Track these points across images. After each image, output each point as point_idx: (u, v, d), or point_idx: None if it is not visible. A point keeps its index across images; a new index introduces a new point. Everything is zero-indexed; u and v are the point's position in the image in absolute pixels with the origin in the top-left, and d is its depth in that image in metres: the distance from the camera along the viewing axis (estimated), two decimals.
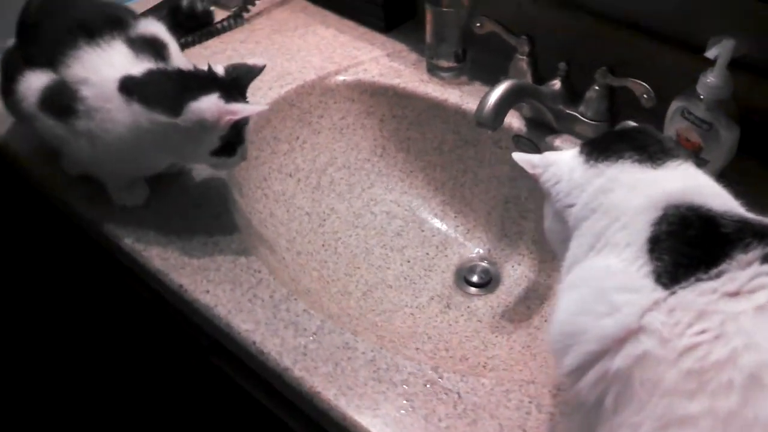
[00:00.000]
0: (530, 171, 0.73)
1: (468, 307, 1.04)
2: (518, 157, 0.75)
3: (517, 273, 1.07)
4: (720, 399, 0.50)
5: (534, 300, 1.03)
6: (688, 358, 0.52)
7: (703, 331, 0.52)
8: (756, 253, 0.55)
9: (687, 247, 0.57)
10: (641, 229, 0.60)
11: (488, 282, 1.07)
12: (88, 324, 1.30)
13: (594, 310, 0.57)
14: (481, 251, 1.11)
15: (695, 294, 0.54)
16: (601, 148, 0.69)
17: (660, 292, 0.55)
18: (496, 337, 0.99)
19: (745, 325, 0.51)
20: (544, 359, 0.92)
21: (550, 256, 1.05)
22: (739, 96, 0.87)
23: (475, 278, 1.08)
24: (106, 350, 1.31)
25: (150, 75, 0.85)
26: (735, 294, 0.53)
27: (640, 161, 0.66)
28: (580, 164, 0.69)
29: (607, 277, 0.59)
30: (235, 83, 0.86)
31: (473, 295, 1.06)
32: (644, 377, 0.53)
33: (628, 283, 0.57)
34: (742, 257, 0.55)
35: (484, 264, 1.09)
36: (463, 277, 1.08)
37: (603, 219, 0.64)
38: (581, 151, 0.70)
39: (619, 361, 0.54)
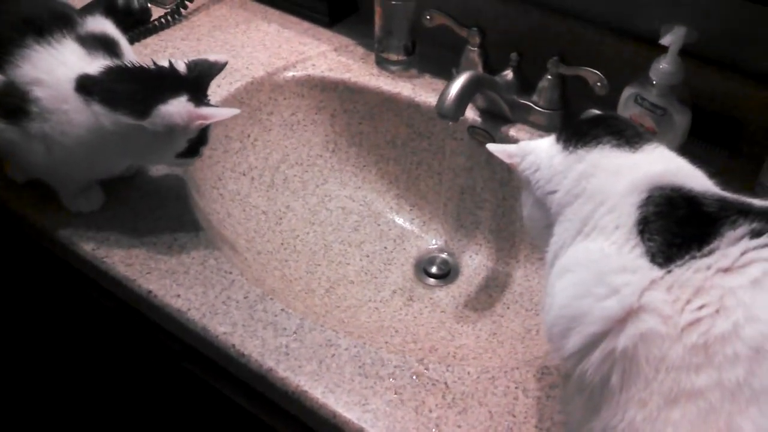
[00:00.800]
0: (507, 161, 0.74)
1: (430, 298, 1.05)
2: (494, 147, 0.75)
3: (475, 262, 1.08)
4: (726, 371, 0.52)
5: (494, 288, 1.04)
6: (691, 333, 0.53)
7: (703, 306, 0.54)
8: (744, 229, 0.57)
9: (677, 226, 0.59)
10: (629, 212, 0.61)
11: (448, 273, 1.08)
12: (48, 337, 1.25)
13: (593, 293, 0.58)
14: (439, 242, 1.12)
15: (691, 271, 0.56)
16: (578, 134, 0.70)
17: (656, 272, 0.57)
18: (462, 326, 0.99)
19: (743, 298, 0.53)
20: (512, 346, 0.94)
21: (507, 244, 1.07)
22: (687, 82, 0.91)
23: (434, 269, 1.08)
24: (68, 365, 1.26)
25: (109, 73, 0.82)
26: (729, 269, 0.55)
27: (619, 146, 0.68)
28: (559, 151, 0.70)
29: (601, 259, 0.60)
30: (198, 82, 0.84)
31: (434, 286, 1.07)
32: (650, 354, 0.54)
33: (624, 264, 0.58)
34: (731, 233, 0.57)
35: (443, 255, 1.10)
36: (422, 269, 1.09)
37: (588, 204, 0.65)
38: (558, 139, 0.72)
39: (623, 339, 0.55)
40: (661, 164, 0.66)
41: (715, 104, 0.95)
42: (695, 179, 0.65)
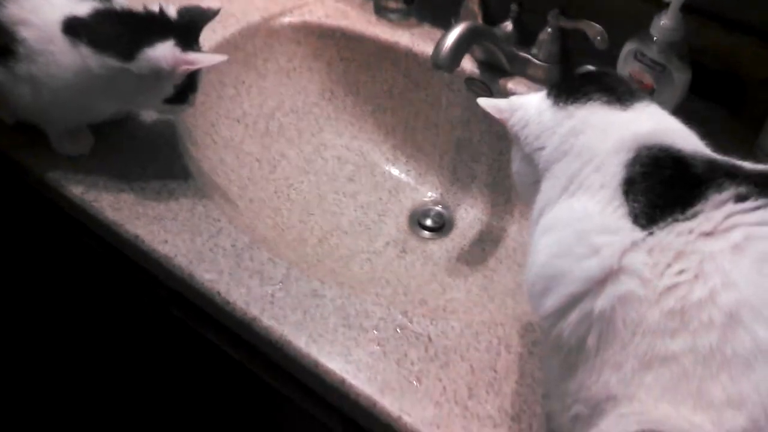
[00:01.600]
0: (497, 116, 0.72)
1: (423, 251, 1.04)
2: (484, 102, 0.74)
3: (470, 216, 1.08)
4: (701, 337, 0.51)
5: (488, 242, 1.04)
6: (669, 298, 0.53)
7: (682, 271, 0.54)
8: (729, 192, 0.56)
9: (662, 187, 0.58)
10: (615, 171, 0.60)
11: (442, 226, 1.08)
12: (33, 280, 1.25)
13: (574, 252, 0.58)
14: (434, 195, 1.11)
15: (673, 234, 0.55)
16: (569, 90, 0.68)
17: (638, 233, 0.56)
18: (453, 280, 0.99)
19: (722, 264, 0.53)
20: (502, 301, 0.94)
21: (502, 199, 1.06)
22: (689, 38, 0.89)
23: (429, 222, 1.08)
24: (56, 308, 1.27)
25: (97, 16, 0.81)
26: (711, 233, 0.54)
27: (609, 103, 0.66)
28: (549, 107, 0.69)
29: (584, 219, 0.59)
30: (189, 28, 0.83)
31: (428, 239, 1.06)
32: (627, 317, 0.54)
33: (606, 224, 0.58)
34: (716, 197, 0.56)
35: (438, 208, 1.10)
36: (417, 221, 1.08)
37: (575, 161, 0.64)
38: (549, 94, 0.70)
39: (601, 301, 0.55)
40: (651, 123, 0.65)
41: (717, 61, 0.93)
42: (685, 139, 0.63)
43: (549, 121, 0.68)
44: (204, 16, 0.85)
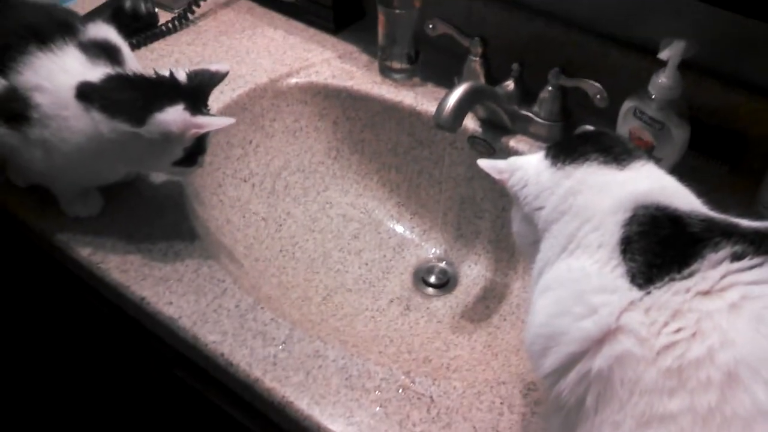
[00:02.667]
0: (496, 176, 0.73)
1: (427, 308, 1.05)
2: (484, 163, 0.75)
3: (474, 272, 1.08)
4: (699, 396, 0.51)
5: (492, 299, 1.04)
6: (666, 357, 0.53)
7: (679, 330, 0.54)
8: (725, 251, 0.56)
9: (659, 247, 0.58)
10: (612, 231, 0.61)
11: (446, 282, 1.08)
12: (39, 340, 1.26)
13: (572, 312, 0.58)
14: (438, 252, 1.12)
15: (670, 293, 0.55)
16: (567, 150, 0.70)
17: (635, 293, 0.56)
18: (457, 337, 0.99)
19: (720, 322, 0.53)
20: (506, 358, 0.93)
21: (506, 255, 1.06)
22: (688, 95, 0.90)
23: (433, 279, 1.08)
24: (62, 366, 1.27)
25: (109, 81, 0.83)
26: (708, 292, 0.55)
27: (606, 163, 0.67)
28: (547, 167, 0.70)
29: (582, 278, 0.60)
30: (197, 90, 0.84)
31: (432, 296, 1.07)
32: (624, 376, 0.54)
33: (604, 284, 0.58)
34: (712, 256, 0.56)
35: (442, 264, 1.10)
36: (421, 278, 1.09)
37: (574, 221, 0.65)
38: (547, 155, 0.71)
39: (599, 361, 0.55)
40: (648, 182, 0.65)
41: (716, 118, 0.95)
42: (682, 198, 0.64)
43: (547, 182, 0.69)
44: (213, 79, 0.87)
